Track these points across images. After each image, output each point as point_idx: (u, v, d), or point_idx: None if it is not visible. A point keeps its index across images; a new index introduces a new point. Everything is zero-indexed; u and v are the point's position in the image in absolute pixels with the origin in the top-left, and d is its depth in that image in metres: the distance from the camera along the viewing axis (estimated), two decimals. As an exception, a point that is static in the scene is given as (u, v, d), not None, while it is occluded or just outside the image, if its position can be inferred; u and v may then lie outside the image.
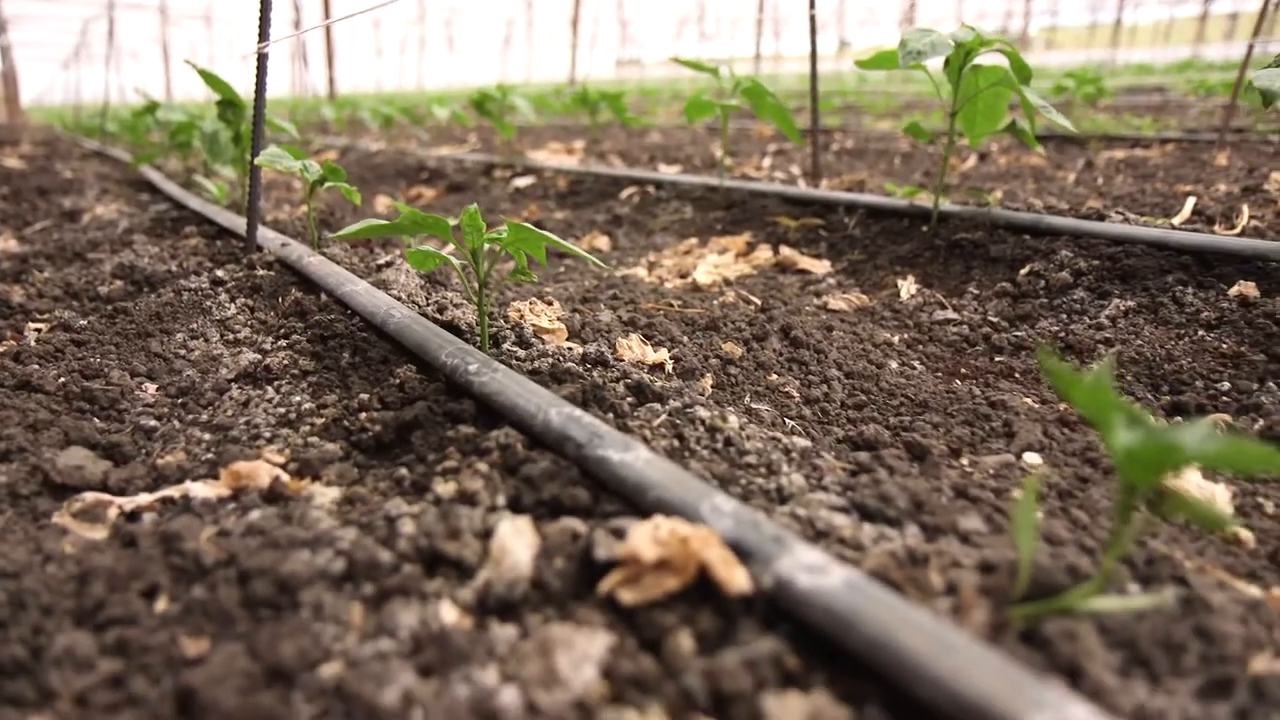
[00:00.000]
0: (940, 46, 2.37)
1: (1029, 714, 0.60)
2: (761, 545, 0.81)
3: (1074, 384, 0.75)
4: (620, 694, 0.71)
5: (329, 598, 0.85)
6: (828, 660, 0.73)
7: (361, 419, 1.34)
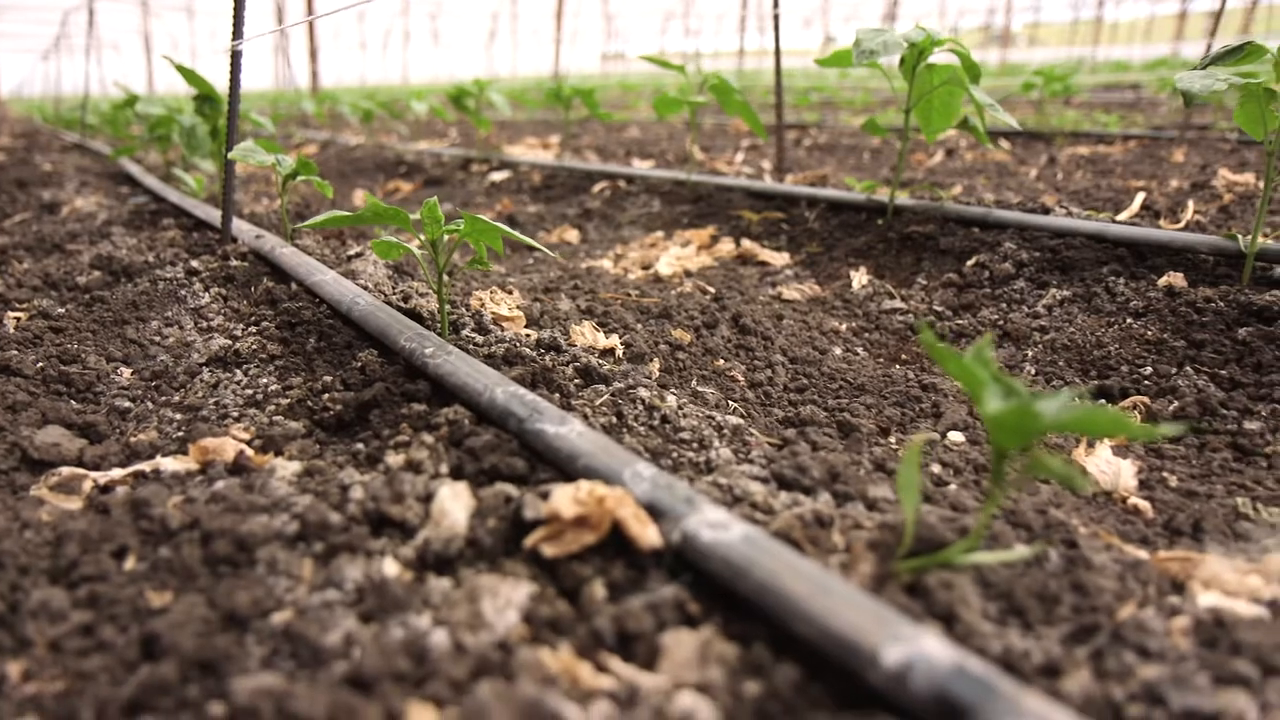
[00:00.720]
0: (892, 46, 2.47)
1: (887, 645, 0.69)
2: (673, 506, 0.90)
3: (948, 358, 0.84)
4: (538, 635, 0.80)
5: (282, 555, 0.93)
6: (724, 605, 0.82)
7: (324, 399, 1.42)
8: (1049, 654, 0.83)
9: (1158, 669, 0.82)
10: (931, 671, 0.65)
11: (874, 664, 0.68)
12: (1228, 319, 1.85)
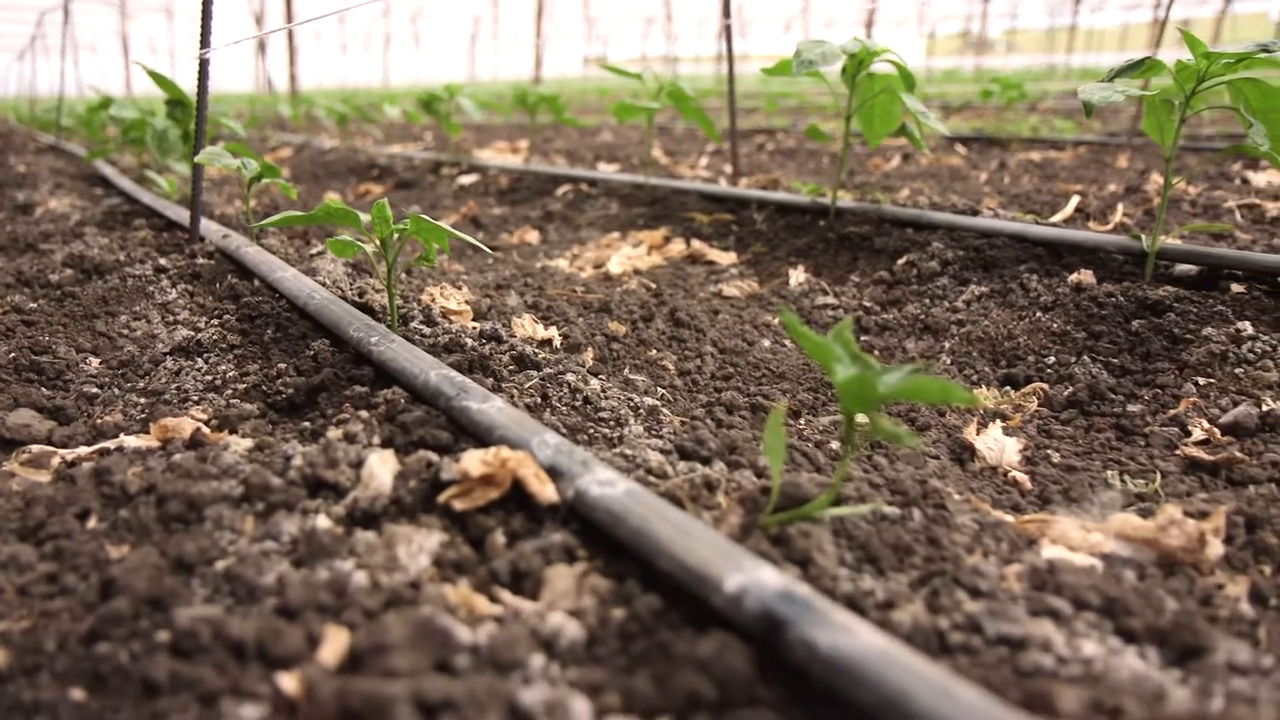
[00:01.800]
0: (830, 56, 2.61)
1: (729, 575, 0.82)
2: (571, 468, 1.03)
3: (802, 335, 0.97)
4: (444, 575, 0.93)
5: (228, 513, 1.05)
6: (606, 549, 0.95)
7: (278, 384, 1.54)
8: (891, 593, 0.96)
9: (982, 604, 0.95)
10: (762, 594, 0.78)
11: (718, 590, 0.81)
12: (1125, 312, 1.99)
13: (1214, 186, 3.80)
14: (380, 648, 0.76)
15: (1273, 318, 1.89)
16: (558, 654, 0.79)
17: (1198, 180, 4.01)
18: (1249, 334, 1.82)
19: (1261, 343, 1.79)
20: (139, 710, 0.79)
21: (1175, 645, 0.93)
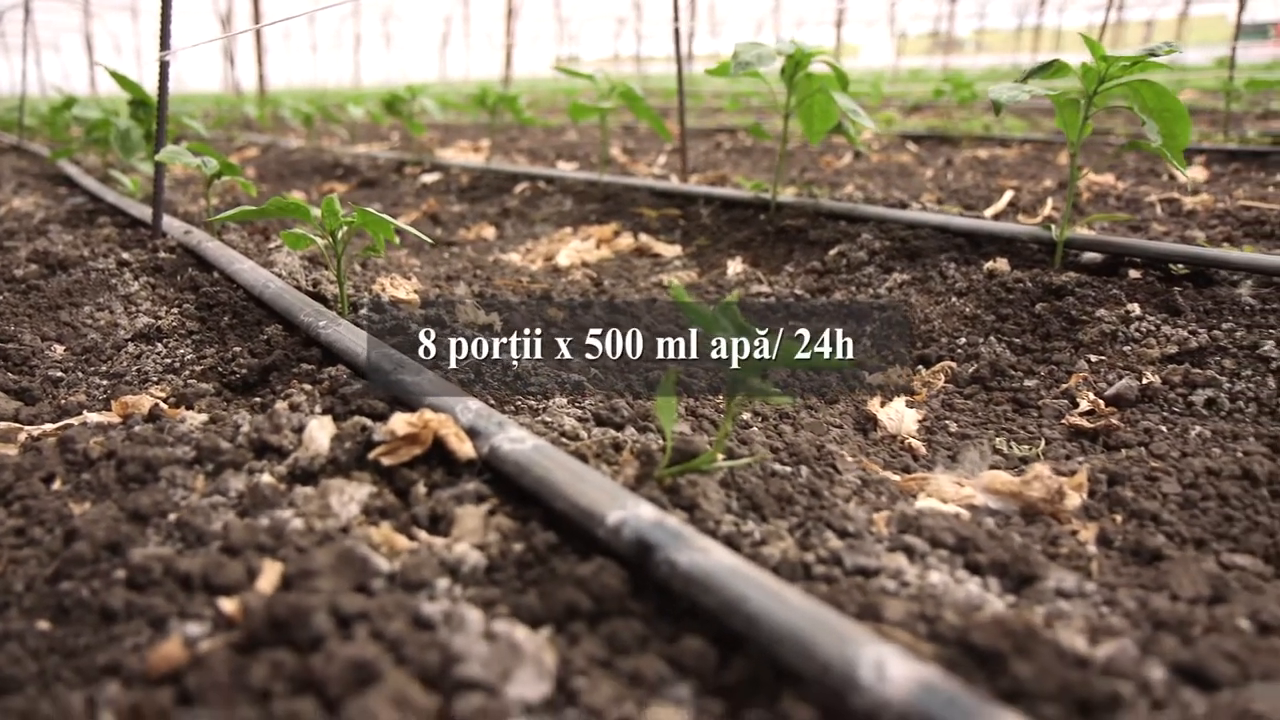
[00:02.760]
0: (766, 58, 2.75)
1: (612, 511, 0.95)
2: (488, 428, 1.15)
3: (689, 307, 1.10)
4: (371, 520, 1.05)
5: (180, 472, 1.17)
6: (514, 497, 1.08)
7: (233, 365, 1.66)
8: (767, 533, 1.10)
9: (846, 543, 1.09)
10: (638, 525, 0.91)
11: (602, 524, 0.94)
12: (1031, 296, 2.15)
13: (1141, 182, 3.98)
14: (307, 572, 0.89)
15: (1160, 300, 2.04)
16: (461, 578, 0.91)
17: (1128, 175, 4.19)
18: (1137, 314, 1.98)
19: (1147, 322, 1.95)
20: (98, 634, 0.91)
21: (1013, 575, 1.07)
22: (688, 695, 0.76)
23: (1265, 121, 6.89)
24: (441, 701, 0.73)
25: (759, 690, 0.76)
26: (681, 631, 0.83)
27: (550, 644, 0.80)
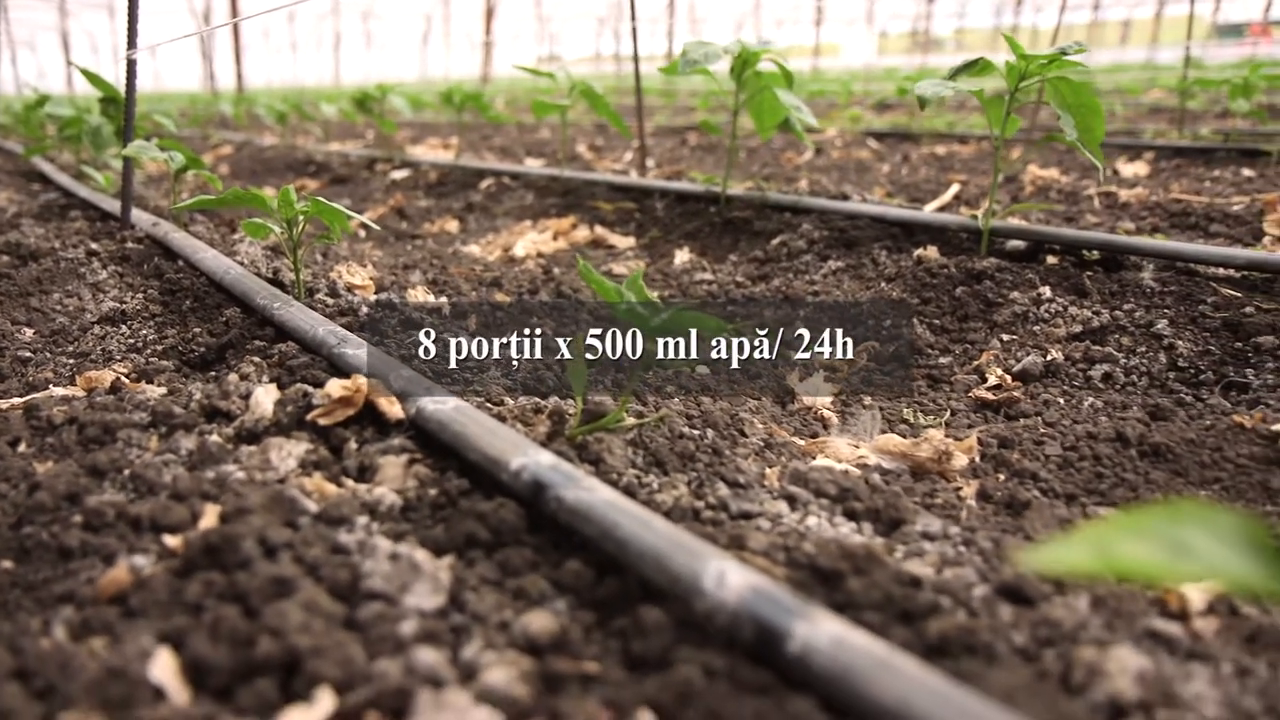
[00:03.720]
0: (713, 56, 2.87)
1: (515, 458, 1.07)
2: (415, 393, 1.27)
3: (593, 281, 1.23)
4: (306, 471, 1.17)
5: (137, 434, 1.28)
6: (435, 451, 1.20)
7: (192, 344, 1.77)
8: (664, 484, 1.22)
9: (735, 492, 1.22)
10: (536, 469, 1.03)
11: (506, 469, 1.06)
12: (954, 281, 2.28)
13: (1084, 176, 4.13)
14: (241, 510, 1.00)
15: (1070, 283, 2.18)
16: (378, 516, 1.03)
17: (1073, 170, 4.35)
18: (1048, 297, 2.11)
19: (1056, 304, 2.09)
20: (56, 569, 1.02)
21: (885, 520, 1.20)
22: (564, 607, 0.88)
23: (1224, 120, 7.08)
24: (347, 609, 0.85)
25: (625, 602, 0.88)
26: (565, 557, 0.95)
27: (449, 567, 0.92)
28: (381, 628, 0.81)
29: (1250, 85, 4.82)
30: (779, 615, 0.75)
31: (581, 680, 0.76)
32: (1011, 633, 0.87)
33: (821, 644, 0.72)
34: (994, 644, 0.83)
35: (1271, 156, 4.59)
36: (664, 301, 2.42)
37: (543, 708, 0.72)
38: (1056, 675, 0.81)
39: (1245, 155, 4.76)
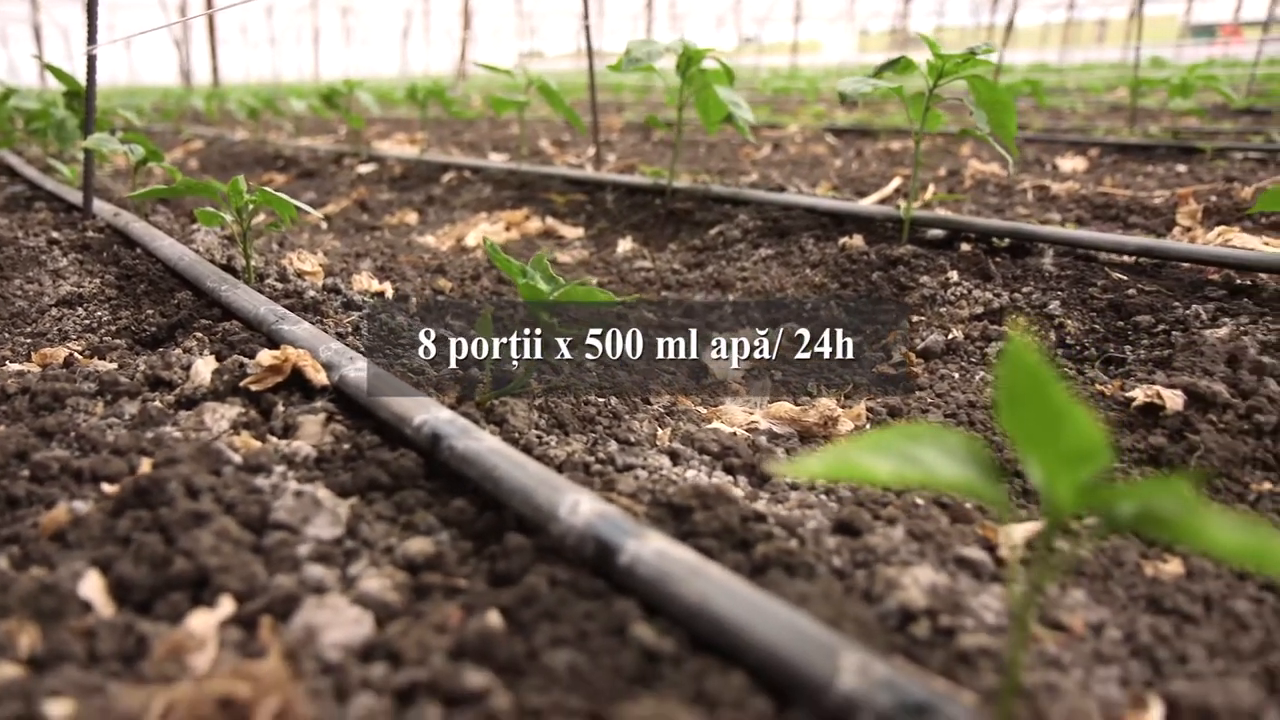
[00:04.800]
0: (656, 54, 3.01)
1: (417, 415, 1.20)
2: (341, 363, 1.40)
3: (499, 260, 1.36)
4: (236, 430, 1.29)
5: (84, 401, 1.40)
6: (355, 412, 1.32)
7: (144, 324, 1.88)
8: (562, 441, 1.35)
9: (624, 449, 1.35)
10: (435, 424, 1.16)
11: (410, 424, 1.19)
12: (874, 267, 2.42)
13: (1024, 170, 4.30)
14: (171, 460, 1.13)
15: (977, 268, 2.33)
16: (295, 465, 1.16)
17: (1014, 164, 4.50)
18: (955, 281, 2.26)
19: (962, 287, 2.23)
20: (3, 517, 1.15)
21: (758, 475, 1.34)
22: (445, 537, 1.01)
23: (1181, 118, 7.28)
24: (255, 537, 0.98)
25: (498, 532, 1.01)
26: (454, 497, 1.08)
27: (350, 506, 1.05)
28: (282, 551, 0.94)
29: (1188, 85, 5.00)
30: (616, 535, 0.89)
31: (447, 590, 0.89)
32: (832, 557, 1.01)
33: (646, 556, 0.85)
34: (814, 565, 0.97)
35: (1206, 154, 4.77)
36: (600, 286, 2.55)
37: (408, 610, 0.85)
38: (861, 589, 0.95)
39: (1184, 152, 4.94)
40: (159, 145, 6.93)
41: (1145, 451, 1.52)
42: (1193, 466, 1.45)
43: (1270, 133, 5.69)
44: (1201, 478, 1.43)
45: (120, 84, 30.01)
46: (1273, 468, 1.45)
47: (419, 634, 0.79)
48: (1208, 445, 1.46)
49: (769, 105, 9.53)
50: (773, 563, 0.95)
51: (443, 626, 0.80)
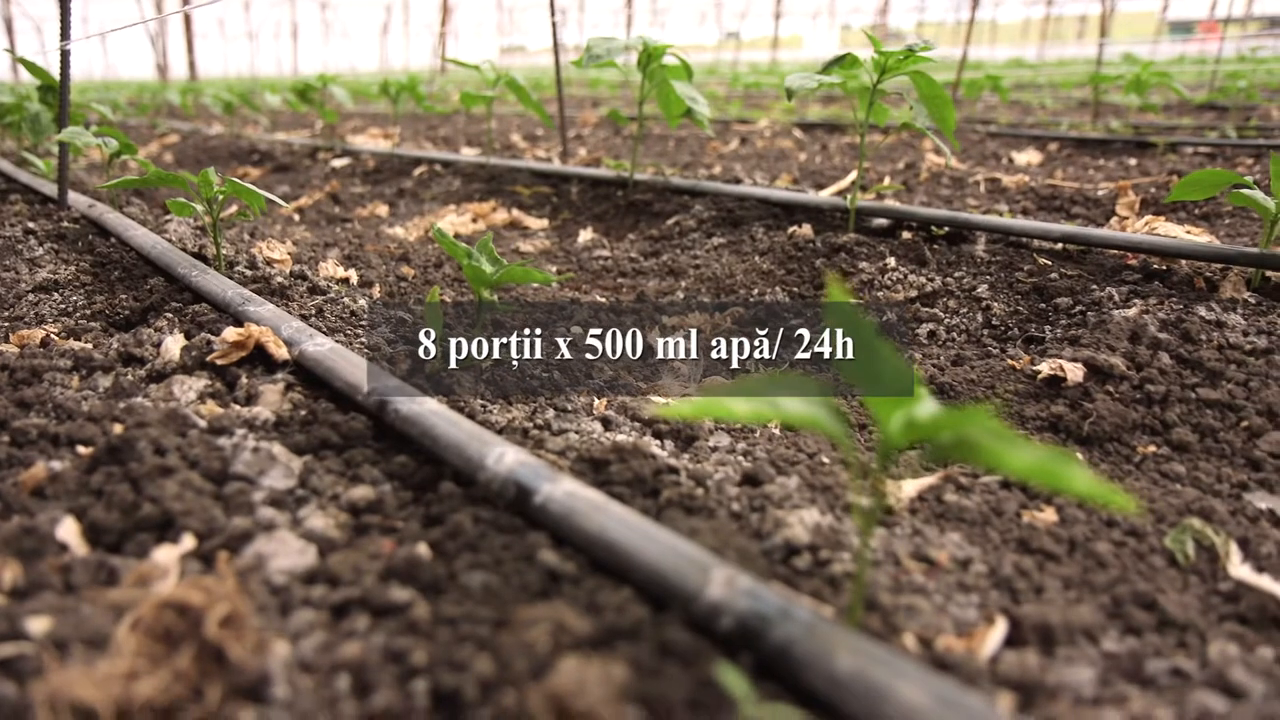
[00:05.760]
0: (615, 51, 3.12)
1: (368, 384, 1.31)
2: (301, 339, 1.51)
3: (446, 243, 1.47)
4: (203, 399, 1.40)
5: (61, 376, 1.51)
6: (313, 383, 1.44)
7: (118, 308, 1.98)
8: (504, 409, 1.47)
9: (560, 415, 1.47)
10: (383, 391, 1.28)
11: (360, 391, 1.30)
12: (818, 254, 2.55)
13: (979, 164, 4.44)
14: (141, 424, 1.24)
15: (914, 254, 2.46)
16: (255, 428, 1.27)
17: (970, 158, 4.65)
18: (892, 266, 2.39)
19: (899, 272, 2.36)
20: (-12, 476, 1.25)
21: (684, 438, 1.46)
22: (388, 488, 1.13)
23: (1144, 114, 7.45)
24: (216, 487, 1.09)
25: (435, 482, 1.13)
26: (398, 454, 1.20)
27: (304, 462, 1.17)
28: (240, 498, 1.06)
29: (1142, 82, 5.16)
30: (534, 480, 1.01)
31: (384, 529, 1.01)
32: (732, 503, 1.13)
33: (558, 496, 0.97)
34: (714, 508, 1.09)
35: (1158, 148, 4.93)
36: (558, 273, 2.67)
37: (348, 544, 0.97)
38: (753, 528, 1.07)
39: (1139, 147, 5.10)
40: (134, 140, 6.99)
41: (1047, 420, 1.65)
42: (1086, 432, 1.59)
43: (1225, 128, 5.86)
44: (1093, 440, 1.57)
45: (96, 78, 29.83)
46: (1159, 433, 1.58)
47: (354, 560, 0.90)
48: (1100, 413, 1.60)
49: (742, 100, 9.66)
50: (675, 505, 1.07)
51: (376, 555, 0.92)
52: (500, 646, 0.75)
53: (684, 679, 0.70)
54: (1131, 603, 1.08)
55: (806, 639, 0.74)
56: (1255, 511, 1.36)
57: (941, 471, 1.38)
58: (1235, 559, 1.21)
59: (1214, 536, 1.23)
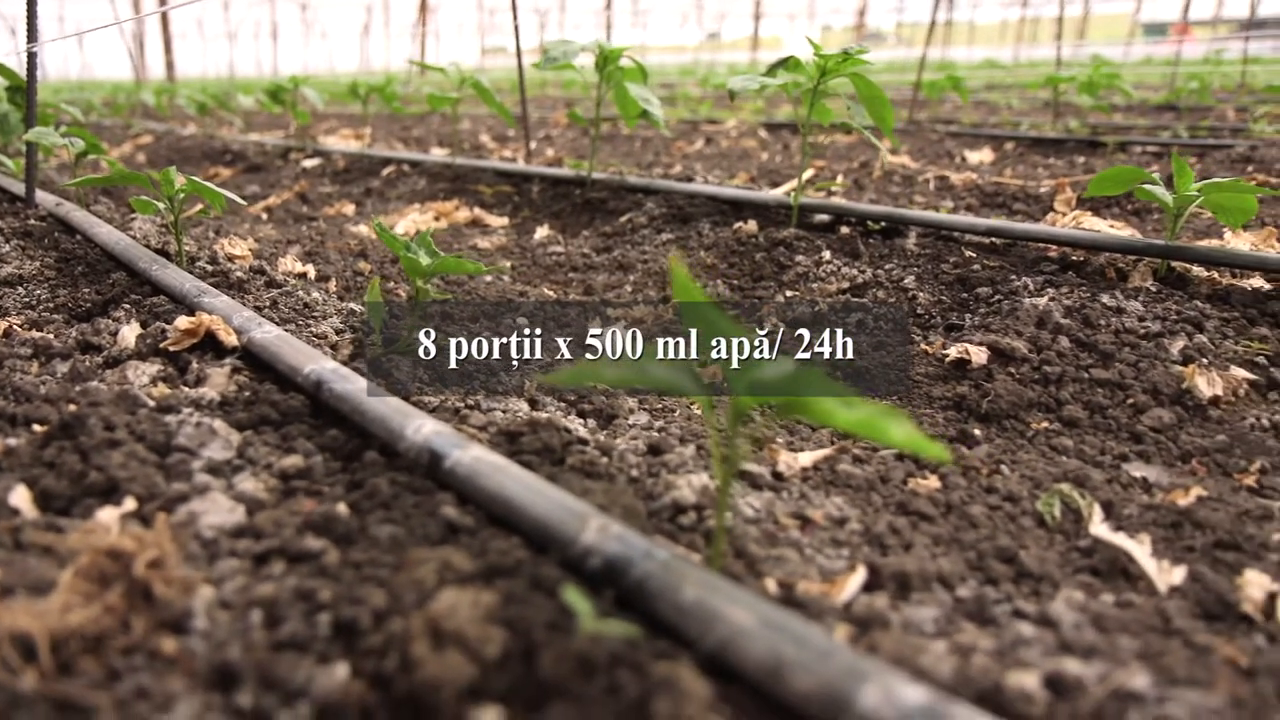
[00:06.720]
0: (572, 54, 3.23)
1: (308, 366, 1.41)
2: (250, 328, 1.61)
3: (385, 236, 1.58)
4: (155, 383, 1.50)
5: (21, 362, 1.60)
6: (259, 368, 1.54)
7: (81, 301, 2.08)
8: (440, 393, 1.57)
9: (490, 396, 1.58)
10: (320, 372, 1.38)
11: (300, 374, 1.41)
12: (759, 248, 2.67)
13: (932, 163, 4.57)
14: (94, 403, 1.34)
15: (849, 248, 2.58)
16: (200, 407, 1.38)
17: (925, 157, 4.79)
18: (828, 259, 2.51)
19: (833, 265, 2.48)
20: (-50, 453, 1.35)
21: (605, 416, 1.57)
22: (319, 459, 1.24)
23: (1109, 114, 7.61)
24: (160, 457, 1.19)
25: (361, 452, 1.24)
26: (330, 429, 1.31)
27: (243, 436, 1.27)
28: (180, 467, 1.16)
29: (1094, 82, 5.31)
30: (446, 447, 1.12)
31: (309, 492, 1.12)
32: (632, 469, 1.24)
33: (465, 461, 1.08)
34: (614, 474, 1.21)
35: (1108, 148, 5.08)
36: (512, 268, 2.78)
37: (276, 505, 1.08)
38: (646, 490, 1.18)
39: (1090, 146, 5.25)
40: (108, 140, 7.05)
41: (951, 399, 1.77)
42: (985, 410, 1.71)
43: (1178, 128, 6.03)
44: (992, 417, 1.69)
45: (72, 78, 29.70)
46: (1053, 410, 1.71)
47: (278, 517, 1.01)
48: (998, 392, 1.72)
49: (713, 100, 9.78)
50: (576, 470, 1.18)
51: (297, 513, 1.03)
52: (394, 583, 0.86)
53: (547, 606, 0.81)
54: (993, 556, 1.20)
55: (662, 575, 0.85)
56: (1129, 479, 1.48)
57: (839, 443, 1.50)
58: (1097, 519, 1.33)
59: (1080, 500, 1.35)
